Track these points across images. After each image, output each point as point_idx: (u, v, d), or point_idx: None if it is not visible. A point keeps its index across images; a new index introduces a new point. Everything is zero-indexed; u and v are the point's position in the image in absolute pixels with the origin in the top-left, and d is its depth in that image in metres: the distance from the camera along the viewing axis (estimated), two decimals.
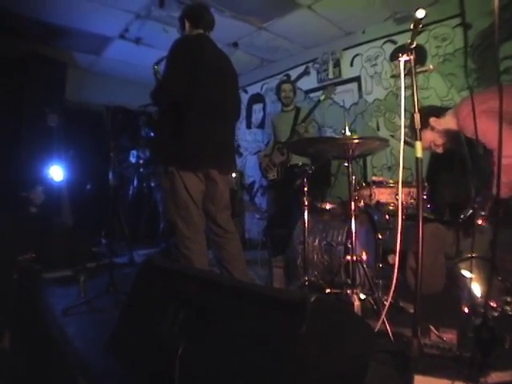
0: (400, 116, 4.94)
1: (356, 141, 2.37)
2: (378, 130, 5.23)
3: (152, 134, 4.99)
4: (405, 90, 1.97)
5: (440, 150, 2.90)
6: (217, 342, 1.41)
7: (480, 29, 4.18)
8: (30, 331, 2.73)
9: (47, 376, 2.21)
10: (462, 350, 1.87)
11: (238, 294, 1.47)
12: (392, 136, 5.04)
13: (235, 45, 5.69)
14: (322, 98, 4.51)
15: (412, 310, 2.20)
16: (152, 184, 5.50)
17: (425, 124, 2.76)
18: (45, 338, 2.65)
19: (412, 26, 1.81)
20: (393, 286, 2.06)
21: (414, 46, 1.90)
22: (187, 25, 2.94)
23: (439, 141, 2.84)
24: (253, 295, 1.42)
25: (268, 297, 1.37)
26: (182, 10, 3.15)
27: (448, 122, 2.76)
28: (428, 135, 2.80)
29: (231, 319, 1.42)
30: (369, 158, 5.26)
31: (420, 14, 1.71)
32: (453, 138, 2.81)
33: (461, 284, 2.22)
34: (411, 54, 1.91)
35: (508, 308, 2.13)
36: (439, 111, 2.85)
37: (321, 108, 5.66)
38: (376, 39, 5.25)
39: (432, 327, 2.06)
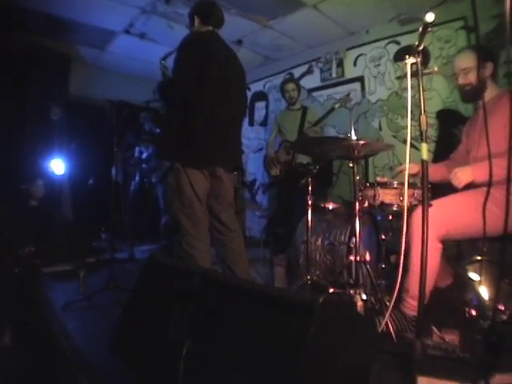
0: (403, 116, 4.95)
1: (362, 141, 2.37)
2: (381, 130, 5.23)
3: (158, 130, 4.97)
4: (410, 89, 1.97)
5: None
6: (222, 342, 1.41)
7: (483, 32, 4.19)
8: (30, 327, 2.72)
9: (48, 373, 2.20)
10: (465, 351, 1.88)
11: (245, 294, 1.47)
12: (394, 136, 5.05)
13: (239, 42, 5.69)
14: (337, 106, 4.49)
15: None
16: (153, 180, 5.49)
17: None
18: (45, 333, 2.64)
19: (421, 29, 1.81)
20: (397, 287, 2.06)
21: (421, 48, 1.89)
22: (197, 21, 2.93)
23: None
24: (260, 295, 1.42)
25: (275, 297, 1.36)
26: (190, 6, 3.14)
27: None
28: None
29: (237, 319, 1.42)
30: (371, 158, 5.26)
31: (429, 17, 1.70)
32: None
33: (468, 287, 2.22)
34: (418, 56, 1.91)
35: None
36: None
37: (323, 107, 5.67)
38: (380, 40, 5.25)
39: (434, 328, 2.06)
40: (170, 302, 1.70)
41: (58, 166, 5.47)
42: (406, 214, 2.09)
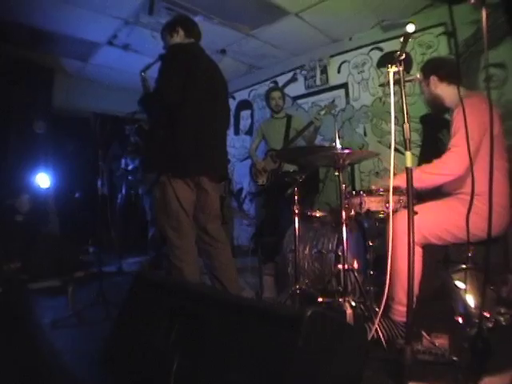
0: (387, 122, 4.99)
1: (347, 151, 2.39)
2: (366, 135, 5.27)
3: (142, 143, 4.96)
4: (393, 96, 1.99)
5: None
6: (212, 357, 1.41)
7: (462, 38, 4.27)
8: (16, 346, 2.68)
9: None
10: (454, 354, 1.90)
11: (233, 309, 1.47)
12: (379, 142, 5.09)
13: (223, 51, 5.70)
14: (323, 113, 4.52)
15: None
16: (140, 191, 5.47)
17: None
18: (33, 353, 2.59)
19: (402, 40, 1.83)
20: (385, 293, 2.07)
21: (403, 57, 1.92)
22: (181, 33, 2.94)
23: None
24: (248, 309, 1.42)
25: (264, 311, 1.37)
26: (172, 17, 3.16)
27: None
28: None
29: (226, 334, 1.42)
30: (356, 164, 5.29)
31: (410, 28, 1.73)
32: None
33: (454, 295, 2.24)
34: (400, 65, 1.93)
35: (501, 318, 2.17)
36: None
37: (308, 114, 5.69)
38: (363, 46, 5.31)
39: (424, 333, 2.08)
40: (159, 317, 1.69)
41: (43, 179, 5.42)
42: (391, 221, 2.10)
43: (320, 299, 2.59)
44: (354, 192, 2.71)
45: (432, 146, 4.25)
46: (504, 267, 2.86)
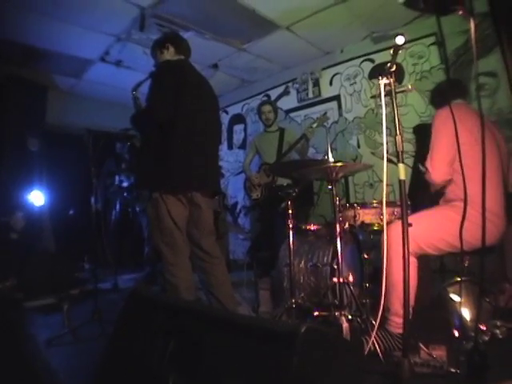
0: (380, 133, 5.02)
1: (340, 164, 2.39)
2: (359, 147, 5.29)
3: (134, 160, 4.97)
4: (385, 108, 2.00)
5: None
6: (207, 375, 1.39)
7: (453, 47, 4.31)
8: (11, 365, 2.65)
9: None
10: (453, 366, 1.89)
11: (227, 326, 1.45)
12: (372, 153, 5.11)
13: (215, 66, 5.74)
14: (315, 125, 4.54)
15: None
16: (137, 208, 5.45)
17: None
18: (28, 372, 2.56)
19: (391, 52, 1.85)
20: (381, 306, 2.07)
21: (393, 69, 1.93)
22: (171, 50, 2.96)
23: None
24: (243, 327, 1.40)
25: (258, 328, 1.35)
26: (162, 34, 3.18)
27: None
28: None
29: (221, 351, 1.40)
30: (350, 176, 5.29)
31: (399, 40, 1.75)
32: None
33: (450, 308, 2.23)
34: (391, 77, 1.95)
35: (498, 331, 2.16)
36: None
37: (301, 127, 5.71)
38: (354, 58, 5.36)
39: (421, 345, 2.06)
40: (153, 335, 1.68)
41: (37, 197, 5.41)
42: (385, 233, 2.10)
43: (316, 313, 2.58)
44: (347, 205, 2.71)
45: (425, 155, 4.28)
46: (501, 276, 2.86)
